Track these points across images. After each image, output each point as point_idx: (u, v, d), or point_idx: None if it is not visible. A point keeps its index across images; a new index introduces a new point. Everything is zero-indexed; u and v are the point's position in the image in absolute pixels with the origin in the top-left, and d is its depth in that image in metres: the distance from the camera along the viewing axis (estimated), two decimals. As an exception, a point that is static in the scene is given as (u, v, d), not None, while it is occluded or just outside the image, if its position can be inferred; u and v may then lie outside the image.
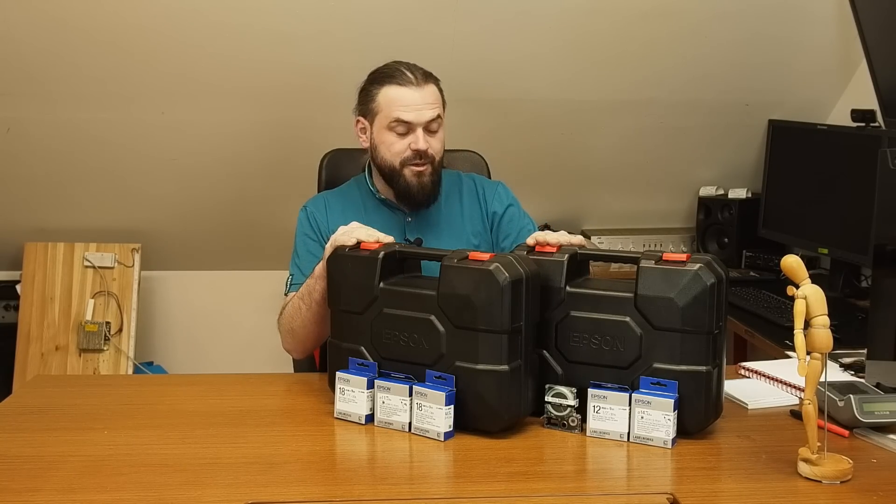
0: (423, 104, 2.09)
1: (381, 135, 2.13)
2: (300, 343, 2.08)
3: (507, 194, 2.29)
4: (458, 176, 2.31)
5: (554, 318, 1.74)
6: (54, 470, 1.54)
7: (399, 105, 2.09)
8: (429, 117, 2.10)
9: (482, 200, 2.26)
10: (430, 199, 2.17)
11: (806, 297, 1.50)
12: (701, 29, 3.15)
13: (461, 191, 2.27)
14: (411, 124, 2.09)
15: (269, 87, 3.13)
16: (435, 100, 2.12)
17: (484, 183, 2.30)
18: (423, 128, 2.10)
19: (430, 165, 2.13)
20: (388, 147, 2.12)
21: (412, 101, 2.09)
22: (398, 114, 2.09)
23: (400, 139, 2.11)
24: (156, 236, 3.56)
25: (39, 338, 3.45)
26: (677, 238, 3.70)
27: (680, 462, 1.60)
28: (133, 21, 2.91)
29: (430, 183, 2.14)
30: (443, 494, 1.52)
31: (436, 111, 2.11)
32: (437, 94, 2.14)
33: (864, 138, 2.96)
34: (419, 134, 2.10)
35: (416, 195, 2.14)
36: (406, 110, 2.09)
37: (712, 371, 1.66)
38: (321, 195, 2.30)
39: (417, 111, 2.09)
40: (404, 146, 2.11)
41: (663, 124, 3.44)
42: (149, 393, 2.00)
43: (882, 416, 1.68)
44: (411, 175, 2.13)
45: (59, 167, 3.29)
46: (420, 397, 1.69)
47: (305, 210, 2.23)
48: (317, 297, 1.96)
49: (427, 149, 2.11)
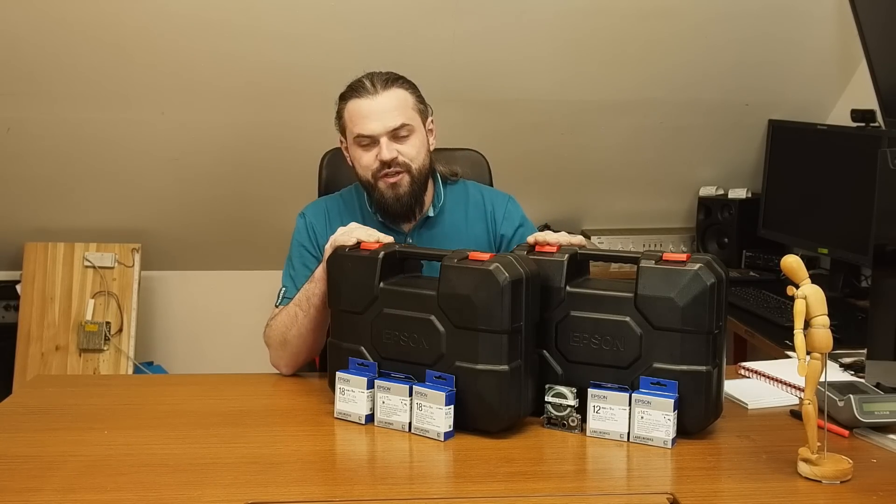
0: (381, 112, 2.00)
1: (353, 150, 2.07)
2: (292, 356, 2.01)
3: (517, 213, 2.20)
4: (465, 187, 2.22)
5: (554, 318, 1.74)
6: (54, 470, 1.54)
7: (359, 117, 2.02)
8: (391, 124, 2.01)
9: (490, 220, 2.18)
10: (411, 210, 2.09)
11: (806, 297, 1.50)
12: (701, 29, 3.16)
13: (467, 202, 2.19)
14: (373, 136, 2.01)
15: (269, 87, 3.13)
16: (396, 106, 2.02)
17: (494, 200, 2.20)
18: (390, 136, 2.02)
19: (405, 174, 2.04)
20: (359, 161, 2.06)
21: (370, 111, 2.01)
22: (358, 128, 2.02)
23: (367, 152, 2.04)
24: (156, 236, 3.56)
25: (39, 338, 3.45)
26: (677, 238, 3.70)
27: (680, 462, 1.60)
28: (133, 21, 2.91)
29: (407, 193, 2.05)
30: (443, 494, 1.52)
31: (398, 119, 2.01)
32: (402, 100, 2.04)
33: (864, 138, 2.96)
34: (382, 143, 2.01)
35: (392, 207, 2.06)
36: (364, 123, 2.01)
37: (712, 371, 1.66)
38: (321, 202, 2.22)
39: (376, 121, 2.00)
40: (372, 158, 2.03)
41: (663, 124, 3.44)
42: (149, 393, 2.00)
43: (882, 416, 1.68)
44: (385, 187, 2.04)
45: (59, 167, 3.29)
46: (420, 397, 1.69)
47: (304, 217, 2.16)
48: (316, 301, 1.93)
49: (395, 157, 2.02)
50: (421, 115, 2.08)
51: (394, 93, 2.03)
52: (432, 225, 2.16)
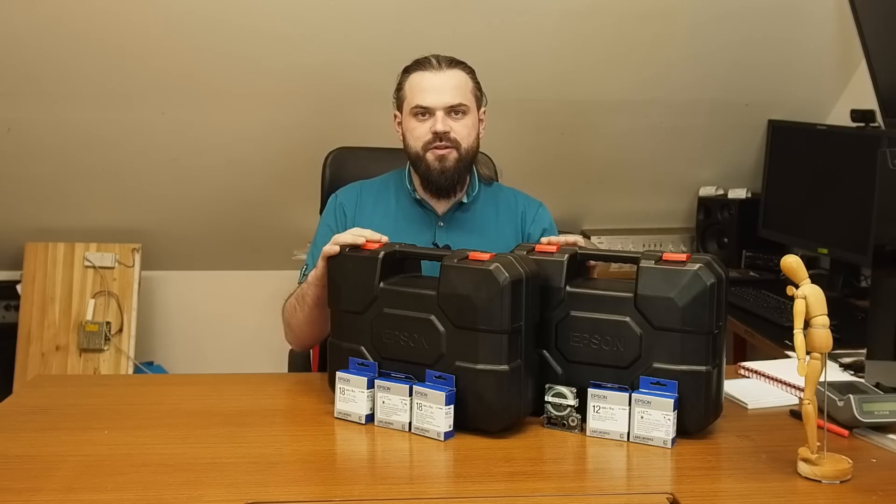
0: (442, 89, 2.07)
1: (407, 122, 2.12)
2: (297, 339, 2.11)
3: (546, 218, 2.24)
4: (499, 187, 2.28)
5: (554, 318, 1.74)
6: (54, 470, 1.54)
7: (419, 89, 2.08)
8: (449, 101, 2.07)
9: (521, 219, 2.22)
10: (453, 185, 2.13)
11: (806, 297, 1.50)
12: (701, 29, 3.15)
13: (498, 201, 2.23)
14: (430, 108, 2.07)
15: (270, 87, 3.13)
16: (457, 85, 2.09)
17: (526, 202, 2.25)
18: (446, 112, 2.07)
19: (454, 150, 2.09)
20: (412, 132, 2.11)
21: (431, 85, 2.07)
22: (418, 99, 2.07)
23: (422, 123, 2.09)
24: (156, 236, 3.56)
25: (40, 338, 3.45)
26: (677, 238, 3.70)
27: (680, 462, 1.60)
28: (133, 21, 2.91)
29: (452, 168, 2.10)
30: (442, 494, 1.52)
31: (457, 97, 2.08)
32: (463, 81, 2.10)
33: (864, 138, 2.96)
34: (438, 116, 2.06)
35: (437, 179, 2.11)
36: (424, 95, 2.07)
37: (712, 371, 1.66)
38: (356, 185, 2.25)
39: (436, 94, 2.06)
40: (426, 130, 2.08)
41: (663, 124, 3.44)
42: (149, 393, 1.99)
43: (882, 416, 1.69)
44: (433, 158, 2.09)
45: (59, 167, 3.29)
46: (420, 397, 1.69)
47: (336, 198, 2.21)
48: (309, 301, 1.97)
49: (448, 131, 2.07)
50: (476, 101, 2.15)
51: (456, 73, 2.10)
52: (464, 211, 2.19)
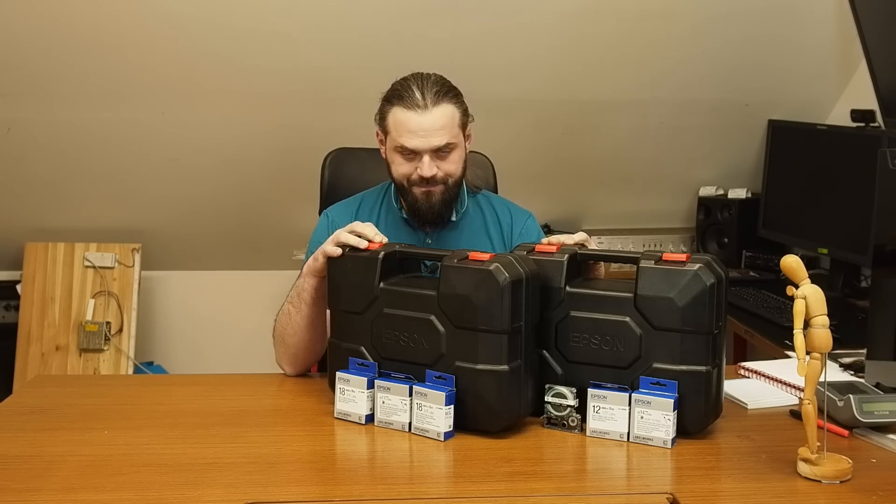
0: (429, 130, 1.97)
1: (391, 154, 2.05)
2: (292, 356, 2.00)
3: (534, 229, 2.20)
4: (487, 198, 2.23)
5: (554, 318, 1.74)
6: (54, 470, 1.54)
7: (404, 131, 1.98)
8: (436, 143, 1.98)
9: (507, 231, 2.18)
10: (441, 217, 2.09)
11: (805, 297, 1.50)
12: (701, 29, 3.16)
13: (485, 213, 2.19)
14: (417, 151, 1.99)
15: (269, 87, 3.13)
16: (444, 124, 1.98)
17: (513, 213, 2.20)
18: (432, 155, 2.00)
19: (441, 185, 2.03)
20: (397, 168, 2.04)
21: (417, 128, 1.97)
22: (403, 141, 1.98)
23: (407, 162, 2.02)
24: (156, 236, 3.56)
25: (40, 338, 3.45)
26: (677, 238, 3.71)
27: (680, 462, 1.60)
28: (133, 22, 2.91)
29: (439, 202, 2.04)
30: (442, 494, 1.52)
31: (444, 138, 1.98)
32: (449, 117, 1.99)
33: (864, 138, 2.97)
34: (425, 161, 1.99)
35: (424, 213, 2.06)
36: (410, 137, 1.98)
37: (712, 371, 1.66)
38: (347, 201, 2.20)
39: (423, 139, 1.97)
40: (411, 169, 2.02)
41: (663, 124, 3.44)
42: (149, 393, 2.00)
43: (882, 416, 1.68)
44: (420, 193, 2.04)
45: (59, 167, 3.29)
46: (420, 397, 1.69)
47: (327, 216, 2.16)
48: (306, 297, 1.92)
49: (434, 175, 2.00)
50: (463, 130, 2.06)
51: (442, 110, 1.98)
52: (452, 228, 2.15)
